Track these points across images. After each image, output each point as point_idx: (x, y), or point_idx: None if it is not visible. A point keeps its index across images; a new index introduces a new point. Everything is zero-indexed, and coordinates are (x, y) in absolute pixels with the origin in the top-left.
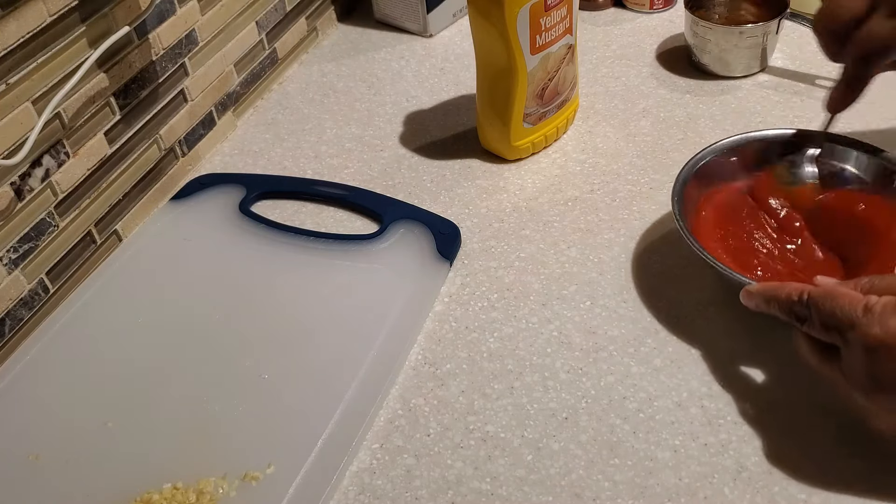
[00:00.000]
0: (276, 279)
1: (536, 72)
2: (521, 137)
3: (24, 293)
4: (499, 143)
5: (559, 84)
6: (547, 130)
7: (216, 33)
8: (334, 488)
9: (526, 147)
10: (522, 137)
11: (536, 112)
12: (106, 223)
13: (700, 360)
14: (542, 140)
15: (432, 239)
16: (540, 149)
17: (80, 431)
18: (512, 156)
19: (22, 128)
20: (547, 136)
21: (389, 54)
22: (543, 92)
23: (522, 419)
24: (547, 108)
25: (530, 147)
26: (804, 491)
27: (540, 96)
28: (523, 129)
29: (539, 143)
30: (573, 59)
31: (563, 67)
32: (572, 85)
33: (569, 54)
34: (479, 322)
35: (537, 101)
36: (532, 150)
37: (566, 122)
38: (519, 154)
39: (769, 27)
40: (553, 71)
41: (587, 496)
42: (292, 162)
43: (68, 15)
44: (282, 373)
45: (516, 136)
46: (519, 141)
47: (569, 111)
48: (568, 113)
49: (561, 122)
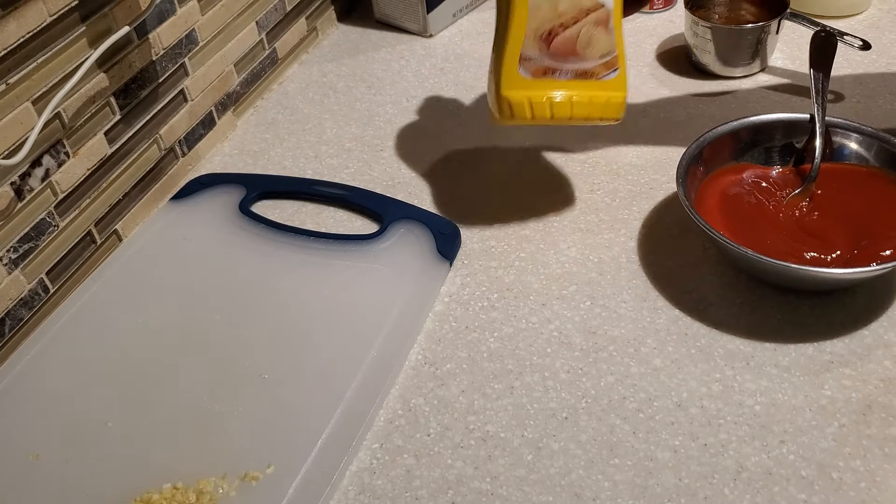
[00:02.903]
0: (276, 279)
1: (542, 5)
2: (514, 86)
3: (24, 293)
4: (492, 96)
5: (578, 41)
6: (552, 94)
7: (216, 33)
8: (334, 488)
9: (520, 103)
10: (516, 87)
11: (538, 60)
12: (106, 223)
13: (700, 360)
14: (544, 104)
15: (432, 239)
16: (542, 118)
17: (80, 431)
18: (503, 114)
19: (22, 128)
20: (553, 103)
21: (389, 54)
22: (550, 38)
23: (522, 419)
24: (555, 64)
25: (527, 106)
26: (804, 491)
27: (545, 40)
28: (518, 76)
29: (540, 108)
30: (608, 29)
31: (588, 25)
32: (601, 57)
33: (598, 12)
34: (479, 322)
35: (540, 44)
36: (530, 115)
37: (588, 106)
38: (512, 113)
39: (769, 27)
40: (568, 17)
41: (587, 496)
42: (292, 162)
43: (68, 15)
44: (282, 373)
45: (508, 80)
46: (511, 90)
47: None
48: (593, 94)
49: (579, 100)
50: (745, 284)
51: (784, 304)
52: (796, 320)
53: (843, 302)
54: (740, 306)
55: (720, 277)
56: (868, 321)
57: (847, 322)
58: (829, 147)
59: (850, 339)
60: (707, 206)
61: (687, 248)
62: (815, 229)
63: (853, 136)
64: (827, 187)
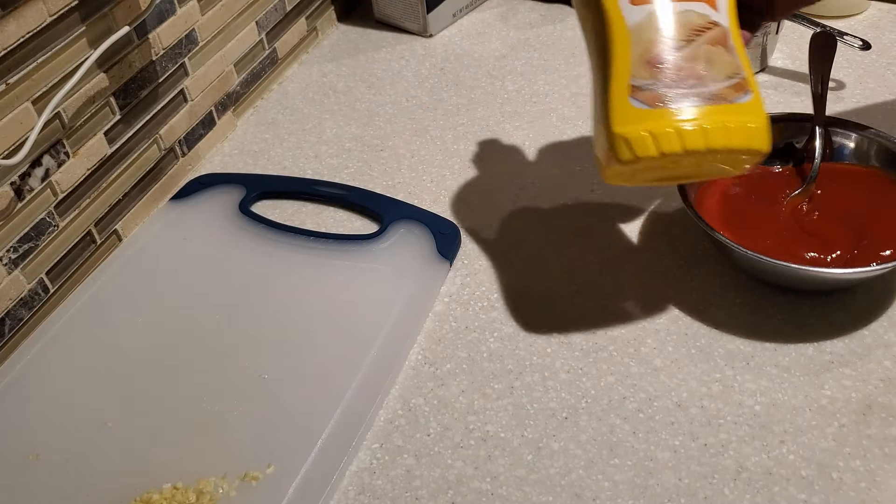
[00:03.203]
0: (275, 279)
1: (645, 28)
2: (629, 121)
3: (24, 293)
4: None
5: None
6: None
7: (216, 33)
8: (334, 488)
9: (640, 137)
10: (631, 121)
11: (652, 87)
12: (106, 223)
13: (700, 360)
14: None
15: (432, 239)
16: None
17: (80, 431)
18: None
19: (22, 128)
20: (683, 133)
21: (389, 54)
22: (662, 61)
23: (522, 419)
24: (674, 91)
25: (649, 140)
26: (804, 491)
27: (655, 65)
28: (631, 108)
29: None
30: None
31: (701, 43)
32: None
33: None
34: (479, 322)
35: (651, 69)
36: (655, 150)
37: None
38: (633, 151)
39: (769, 27)
40: (678, 37)
41: (587, 496)
42: (292, 162)
43: (68, 15)
44: (282, 373)
45: (621, 115)
46: (626, 125)
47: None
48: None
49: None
50: (745, 284)
51: (784, 304)
52: (796, 320)
53: (843, 302)
54: (740, 306)
55: (720, 277)
56: (868, 321)
57: (847, 322)
58: (829, 147)
59: (850, 339)
60: (707, 206)
61: (687, 248)
62: (815, 229)
63: (853, 136)
64: (827, 187)
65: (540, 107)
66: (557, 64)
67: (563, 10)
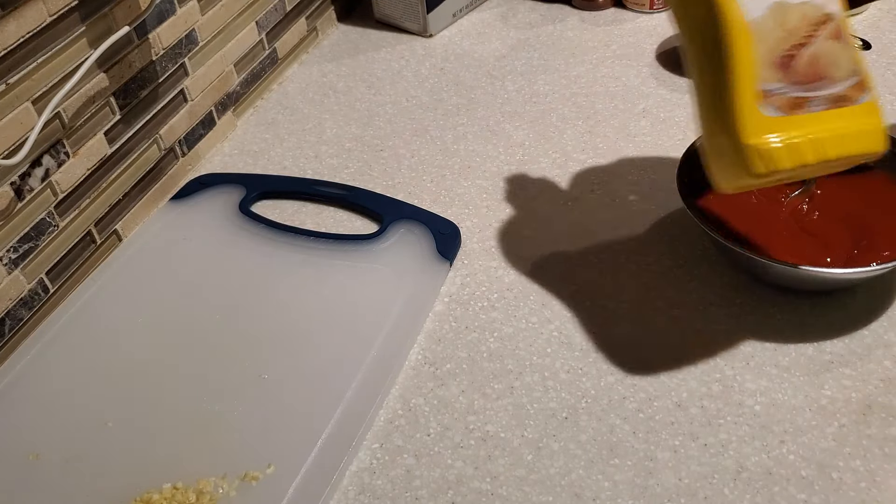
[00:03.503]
0: (275, 279)
1: (767, 24)
2: (761, 130)
3: (24, 293)
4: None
5: (821, 61)
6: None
7: (216, 33)
8: (334, 488)
9: (775, 150)
10: (764, 130)
11: (785, 91)
12: (106, 223)
13: (700, 360)
14: (806, 146)
15: (432, 239)
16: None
17: (80, 431)
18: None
19: (22, 128)
20: (819, 142)
21: (389, 54)
22: (790, 61)
23: (522, 419)
24: (806, 93)
25: (785, 153)
26: (804, 491)
27: (784, 66)
28: (763, 117)
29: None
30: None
31: (822, 39)
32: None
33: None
34: (479, 322)
35: (780, 71)
36: (792, 163)
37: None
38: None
39: None
40: (801, 33)
41: (587, 496)
42: (292, 162)
43: (68, 15)
44: (282, 373)
45: (751, 125)
46: (759, 135)
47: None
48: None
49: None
50: (745, 284)
51: (784, 304)
52: (796, 320)
53: (843, 302)
54: (740, 306)
55: (720, 277)
56: (868, 321)
57: (847, 322)
58: None
59: (850, 339)
60: (707, 207)
61: (687, 248)
62: (815, 229)
63: None
64: (827, 187)
65: (540, 107)
66: (557, 64)
67: (563, 10)
